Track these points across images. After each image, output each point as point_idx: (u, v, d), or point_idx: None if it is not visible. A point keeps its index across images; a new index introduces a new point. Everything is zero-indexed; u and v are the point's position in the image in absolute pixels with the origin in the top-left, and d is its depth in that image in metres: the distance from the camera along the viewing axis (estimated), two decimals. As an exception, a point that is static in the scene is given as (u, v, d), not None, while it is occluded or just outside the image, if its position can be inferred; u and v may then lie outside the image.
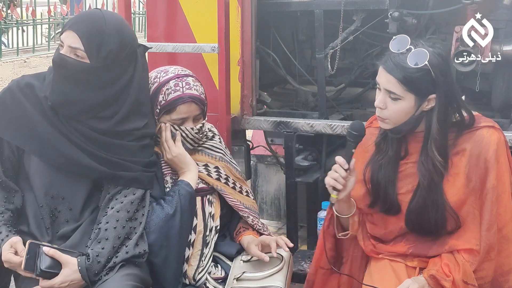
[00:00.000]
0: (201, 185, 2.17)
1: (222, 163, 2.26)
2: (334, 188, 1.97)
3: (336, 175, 1.97)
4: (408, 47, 1.91)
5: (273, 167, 3.81)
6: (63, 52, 1.94)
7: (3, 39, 8.07)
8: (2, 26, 7.78)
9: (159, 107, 2.12)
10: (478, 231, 1.97)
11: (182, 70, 2.20)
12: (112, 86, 1.98)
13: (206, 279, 2.12)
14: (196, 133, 2.16)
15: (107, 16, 1.98)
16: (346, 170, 1.97)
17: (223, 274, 2.17)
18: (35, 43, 8.14)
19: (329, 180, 1.98)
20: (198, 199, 2.15)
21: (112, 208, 1.98)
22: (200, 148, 2.24)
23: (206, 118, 2.23)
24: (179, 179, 2.12)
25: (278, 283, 2.09)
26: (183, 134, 2.14)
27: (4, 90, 2.04)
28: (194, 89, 2.14)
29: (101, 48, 1.93)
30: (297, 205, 2.93)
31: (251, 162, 3.55)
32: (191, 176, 2.12)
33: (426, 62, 1.87)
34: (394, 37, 1.96)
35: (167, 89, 2.12)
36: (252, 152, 3.08)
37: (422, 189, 1.99)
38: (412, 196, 2.02)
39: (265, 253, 2.14)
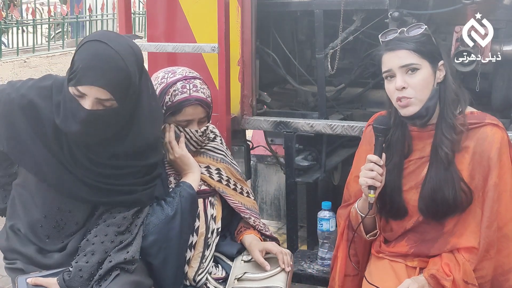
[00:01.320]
0: (203, 187, 2.17)
1: (223, 165, 2.26)
2: (370, 187, 1.98)
3: (373, 174, 1.97)
4: (400, 30, 2.02)
5: (273, 167, 3.81)
6: (88, 105, 1.77)
7: (3, 39, 8.07)
8: (2, 26, 7.78)
9: (164, 108, 2.11)
10: (479, 229, 1.97)
11: (190, 72, 2.19)
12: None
13: (207, 279, 2.12)
14: (200, 135, 2.16)
15: (122, 53, 1.80)
16: (380, 166, 1.98)
17: (224, 274, 2.17)
18: (35, 43, 8.13)
19: (366, 180, 1.98)
20: (200, 201, 2.15)
21: (105, 221, 1.94)
22: (202, 150, 2.23)
23: (211, 121, 2.23)
24: (181, 181, 2.11)
25: (279, 283, 2.08)
26: (187, 136, 2.14)
27: (0, 98, 1.90)
28: (201, 92, 2.13)
29: (129, 90, 1.83)
30: (297, 205, 2.93)
31: (251, 162, 3.56)
32: (193, 178, 2.11)
33: (425, 26, 1.98)
34: (383, 32, 2.07)
35: (174, 90, 2.11)
36: (252, 152, 3.08)
37: (435, 169, 1.99)
38: (423, 179, 2.02)
39: (267, 258, 2.16)
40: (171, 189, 2.11)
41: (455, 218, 2.01)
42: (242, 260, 2.19)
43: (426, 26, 2.00)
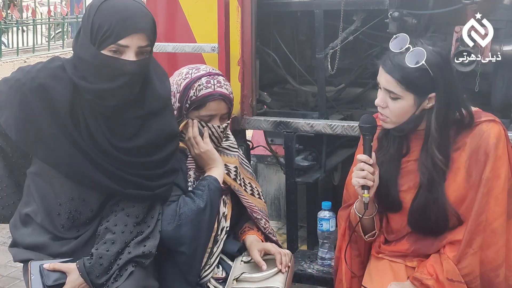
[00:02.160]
0: None
1: (238, 162, 2.29)
2: (364, 187, 1.98)
3: (364, 173, 1.98)
4: (407, 46, 1.92)
5: (273, 167, 3.81)
6: (133, 56, 1.81)
7: (3, 39, 8.07)
8: (2, 26, 7.78)
9: (189, 102, 2.14)
10: None
11: (213, 69, 2.23)
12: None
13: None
14: (221, 131, 2.19)
15: (139, 1, 1.87)
16: (370, 165, 1.98)
17: (224, 274, 2.17)
18: (35, 43, 8.14)
19: (358, 181, 1.99)
20: None
21: (123, 209, 1.95)
22: (219, 148, 2.25)
23: (231, 119, 2.25)
24: (206, 175, 2.14)
25: (277, 284, 2.08)
26: (209, 132, 2.17)
27: (12, 85, 1.87)
28: (225, 88, 2.17)
29: (155, 36, 1.90)
30: (297, 205, 2.93)
31: (251, 162, 3.55)
32: (218, 173, 2.14)
33: (423, 62, 1.88)
34: (394, 36, 1.97)
35: (199, 85, 2.14)
36: (252, 152, 3.07)
37: (423, 187, 1.99)
38: (414, 195, 2.02)
39: (265, 259, 2.16)
40: (190, 183, 2.14)
41: None
42: (242, 260, 2.20)
43: (426, 61, 1.88)
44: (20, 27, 8.28)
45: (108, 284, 1.87)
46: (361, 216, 2.06)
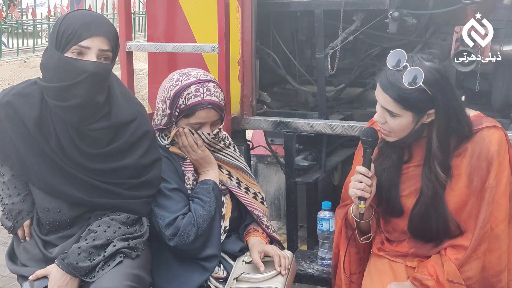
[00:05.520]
0: None
1: (233, 170, 2.31)
2: (360, 198, 1.99)
3: (362, 185, 1.98)
4: (404, 64, 1.88)
5: (273, 167, 3.81)
6: (94, 58, 1.87)
7: (3, 39, 8.07)
8: (2, 26, 7.78)
9: (178, 110, 2.14)
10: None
11: (204, 75, 2.21)
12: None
13: (208, 278, 2.13)
14: (212, 138, 2.20)
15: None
16: (369, 177, 1.99)
17: (225, 274, 2.17)
18: (35, 43, 8.13)
19: (355, 192, 1.99)
20: None
21: (108, 216, 1.97)
22: (216, 154, 2.27)
23: (224, 123, 2.26)
24: (205, 179, 2.17)
25: (277, 284, 2.08)
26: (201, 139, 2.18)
27: None
28: (214, 96, 2.15)
29: (117, 47, 1.96)
30: (297, 205, 2.93)
31: (251, 162, 3.56)
32: (215, 175, 2.19)
33: (421, 83, 1.85)
34: (391, 51, 1.94)
35: (188, 93, 2.13)
36: (252, 152, 3.08)
37: (425, 197, 1.99)
38: (415, 203, 2.03)
39: (267, 261, 2.17)
40: (189, 185, 2.16)
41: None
42: (243, 261, 2.20)
43: (423, 82, 1.85)
44: (20, 27, 8.28)
45: (94, 273, 1.88)
46: (358, 220, 2.07)
